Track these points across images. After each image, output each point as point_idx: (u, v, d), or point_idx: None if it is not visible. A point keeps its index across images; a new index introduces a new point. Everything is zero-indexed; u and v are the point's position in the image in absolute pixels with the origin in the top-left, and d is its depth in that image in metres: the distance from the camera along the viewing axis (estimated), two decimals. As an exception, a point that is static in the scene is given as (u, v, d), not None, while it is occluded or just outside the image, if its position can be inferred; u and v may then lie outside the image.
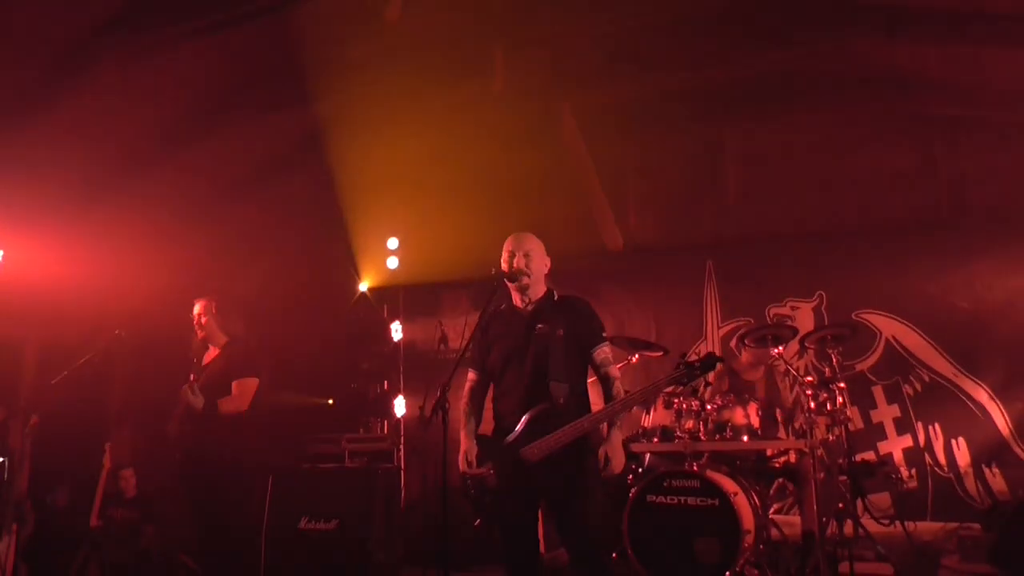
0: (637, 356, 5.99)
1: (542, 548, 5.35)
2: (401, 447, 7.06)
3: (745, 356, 5.88)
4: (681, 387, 4.85)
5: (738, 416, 5.34)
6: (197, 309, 5.23)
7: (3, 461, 7.38)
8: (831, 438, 5.61)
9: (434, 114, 6.78)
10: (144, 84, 5.73)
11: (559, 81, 6.97)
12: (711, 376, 6.12)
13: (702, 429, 5.31)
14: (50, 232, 6.25)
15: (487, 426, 3.89)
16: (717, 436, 5.34)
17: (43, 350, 7.32)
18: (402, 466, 7.02)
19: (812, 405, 5.29)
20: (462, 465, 3.74)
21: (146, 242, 6.66)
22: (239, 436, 5.03)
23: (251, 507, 5.20)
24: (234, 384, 5.05)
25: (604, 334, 3.80)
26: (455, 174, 7.38)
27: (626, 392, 3.73)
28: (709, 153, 7.99)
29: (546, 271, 3.91)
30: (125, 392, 7.86)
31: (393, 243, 7.79)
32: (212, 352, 5.23)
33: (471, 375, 3.94)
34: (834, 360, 5.73)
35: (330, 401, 7.61)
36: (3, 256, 5.96)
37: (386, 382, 7.96)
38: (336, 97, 6.42)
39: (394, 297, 8.22)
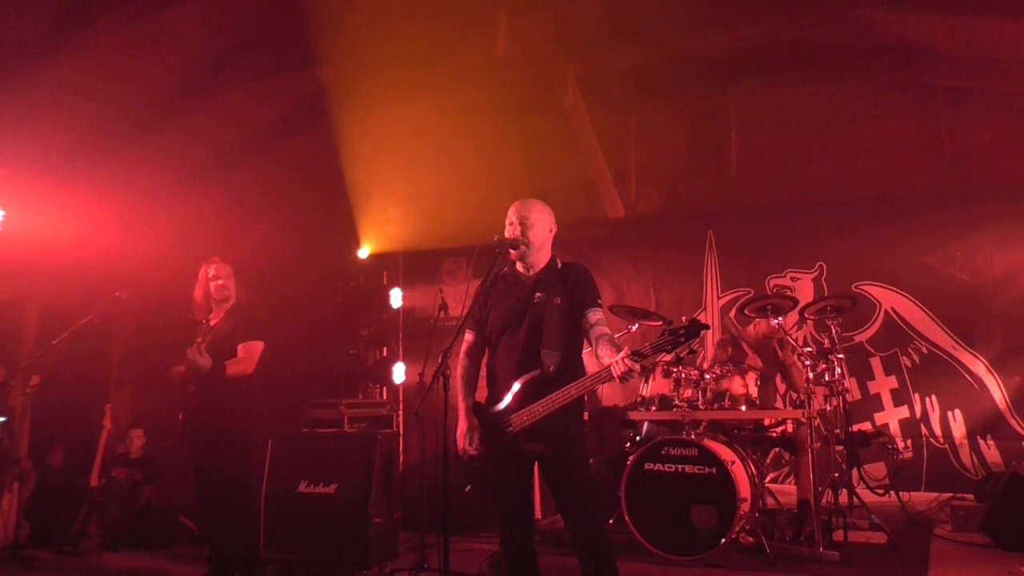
0: (637, 325, 6.00)
1: (538, 514, 5.43)
2: (400, 413, 7.10)
3: (753, 330, 5.89)
4: (667, 355, 4.83)
5: (736, 386, 5.37)
6: (213, 271, 5.21)
7: (4, 421, 7.43)
8: (829, 408, 5.65)
9: (436, 80, 6.73)
10: (146, 45, 5.68)
11: (563, 48, 6.91)
12: (704, 344, 6.15)
13: (700, 398, 5.35)
14: (51, 193, 6.23)
15: (480, 392, 3.90)
16: (715, 405, 5.38)
17: (43, 311, 7.33)
18: (401, 432, 7.07)
19: (810, 375, 5.32)
20: (460, 443, 3.76)
21: (147, 204, 6.65)
22: (244, 399, 5.05)
23: (251, 469, 5.22)
24: (240, 347, 5.07)
25: (599, 300, 3.78)
26: (457, 140, 7.34)
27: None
28: (712, 122, 7.96)
29: (551, 239, 3.89)
30: (126, 353, 7.88)
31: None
32: (217, 314, 5.23)
33: (468, 336, 3.94)
34: (833, 331, 5.74)
35: (329, 367, 7.63)
36: (4, 216, 5.94)
37: (385, 349, 7.99)
38: (338, 62, 6.36)
39: (394, 263, 8.21)
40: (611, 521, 5.38)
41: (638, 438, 5.83)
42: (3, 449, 7.05)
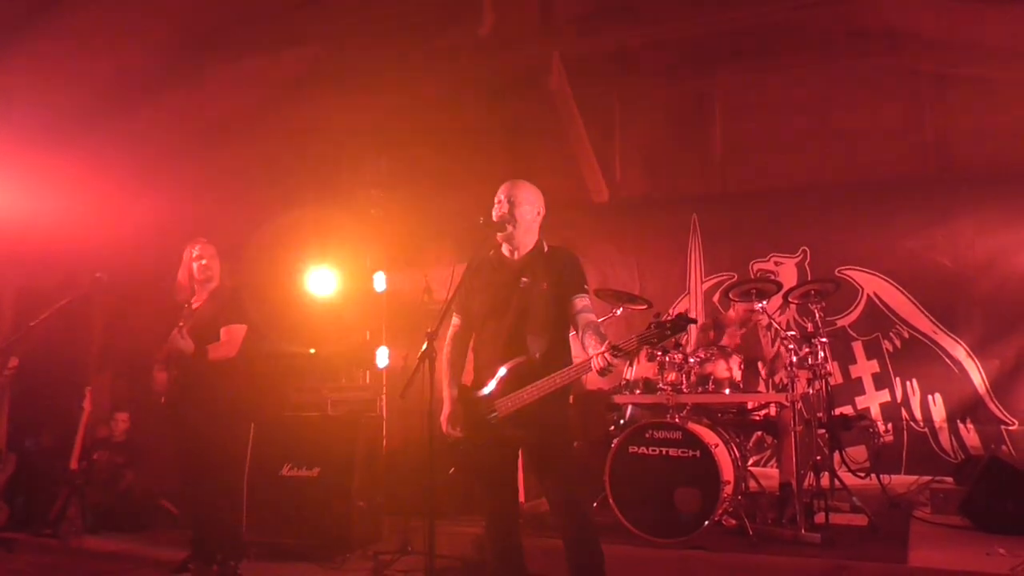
0: (621, 309, 6.00)
1: (522, 498, 5.43)
2: (383, 397, 7.06)
3: (733, 313, 5.91)
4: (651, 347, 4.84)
5: (720, 369, 5.39)
6: (196, 252, 5.14)
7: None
8: (811, 392, 5.68)
9: (420, 60, 6.66)
10: (125, 21, 5.57)
11: (548, 29, 6.86)
12: (689, 336, 6.16)
13: (684, 382, 5.35)
14: (27, 172, 6.12)
15: (467, 375, 3.89)
16: (699, 389, 5.39)
17: (20, 292, 7.23)
18: (384, 416, 7.04)
19: (794, 359, 5.34)
20: (444, 426, 3.74)
21: (128, 183, 6.54)
22: (227, 382, 5.01)
23: (234, 453, 5.19)
24: (223, 330, 5.01)
25: (586, 285, 3.77)
26: (441, 122, 7.28)
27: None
28: (696, 106, 7.94)
29: (539, 222, 3.86)
30: (106, 336, 7.79)
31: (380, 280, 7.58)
32: (200, 297, 5.17)
33: (455, 320, 3.92)
34: (817, 315, 5.76)
35: (312, 350, 7.58)
36: (-22, 195, 5.84)
37: (368, 332, 7.94)
38: (321, 41, 6.28)
39: (377, 247, 8.15)
40: (595, 504, 5.38)
41: (622, 421, 5.84)
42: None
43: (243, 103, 6.67)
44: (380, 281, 7.83)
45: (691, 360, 5.40)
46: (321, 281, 7.67)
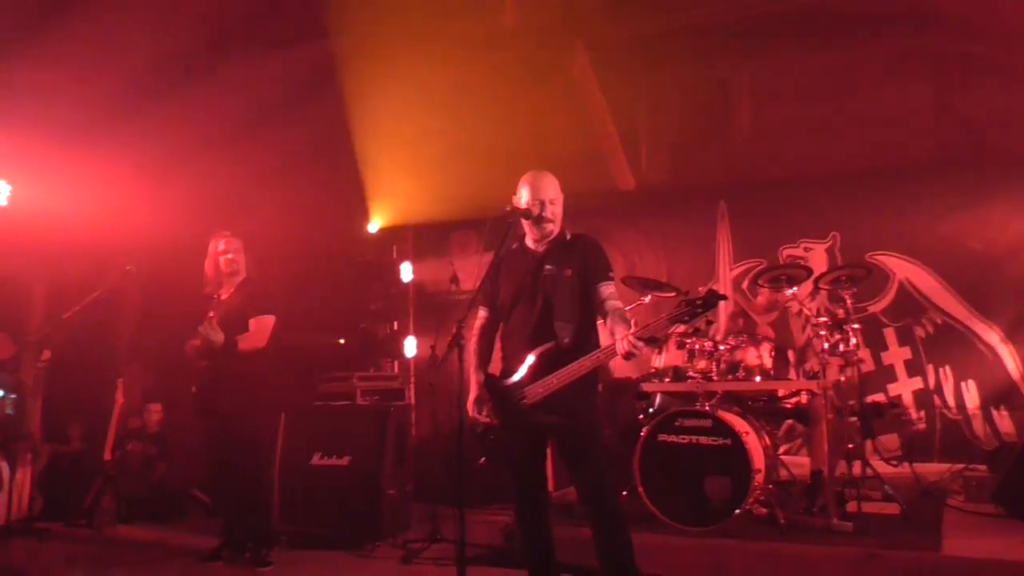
0: (649, 296, 5.96)
1: (551, 486, 5.42)
2: (412, 386, 7.10)
3: (760, 299, 5.86)
4: (684, 326, 4.80)
5: (750, 356, 5.34)
6: (222, 245, 5.19)
7: (15, 397, 7.45)
8: (843, 379, 5.61)
9: (444, 50, 6.64)
10: (151, 20, 5.61)
11: (571, 16, 6.81)
12: (718, 315, 6.12)
13: (714, 369, 5.31)
14: (58, 167, 6.19)
15: (495, 365, 3.89)
16: (729, 376, 5.35)
17: (52, 286, 7.32)
18: (412, 404, 7.07)
19: (825, 346, 5.28)
20: (471, 411, 3.75)
21: (157, 176, 6.60)
22: (257, 372, 5.05)
23: (265, 442, 5.23)
24: (252, 321, 5.06)
25: (611, 273, 3.76)
26: (465, 111, 7.26)
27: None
28: (722, 92, 7.86)
29: (561, 213, 3.86)
30: (136, 328, 7.88)
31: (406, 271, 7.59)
32: (228, 289, 5.21)
33: (481, 312, 3.94)
34: (847, 302, 5.69)
35: (341, 341, 7.62)
36: (12, 191, 5.91)
37: (396, 322, 7.97)
38: (346, 33, 6.29)
39: (404, 237, 8.17)
40: (624, 493, 5.37)
41: (651, 410, 5.81)
42: (15, 424, 7.09)
43: (267, 97, 6.70)
44: (406, 271, 7.87)
45: (721, 347, 5.36)
46: (348, 271, 7.70)
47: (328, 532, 5.57)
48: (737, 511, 4.78)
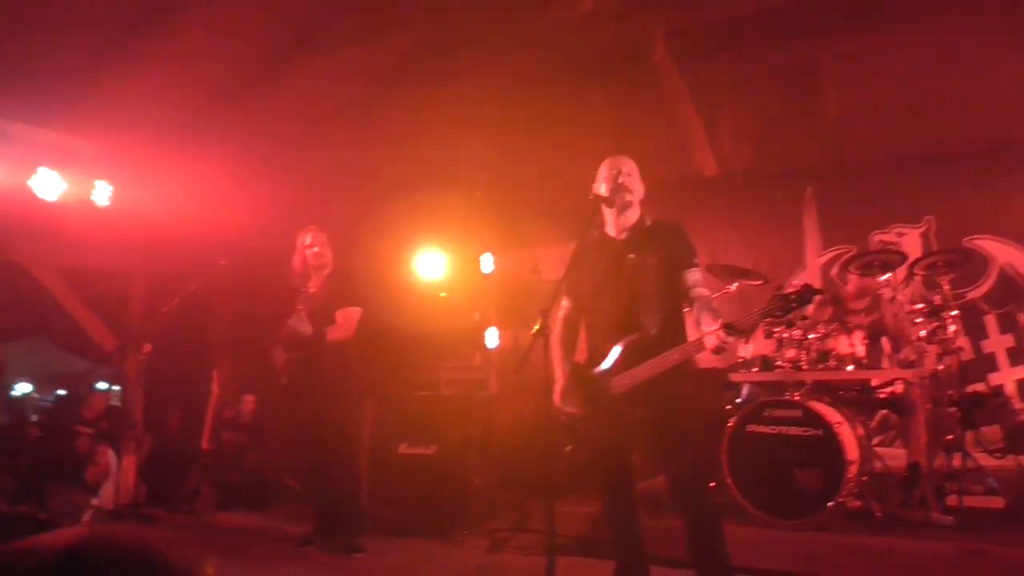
0: (735, 285, 5.85)
1: (638, 477, 5.38)
2: (495, 376, 7.13)
3: (850, 286, 5.68)
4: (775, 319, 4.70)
5: (842, 345, 5.18)
6: (309, 239, 5.33)
7: (119, 389, 7.79)
8: (940, 368, 5.40)
9: (521, 40, 6.63)
10: (236, 19, 5.76)
11: (651, 1, 6.70)
12: (808, 310, 5.96)
13: (804, 358, 5.18)
14: (155, 167, 6.44)
15: (580, 355, 3.88)
16: (820, 365, 5.20)
17: (151, 281, 7.61)
18: (495, 395, 7.12)
19: (921, 334, 5.09)
20: (557, 400, 3.74)
21: (245, 175, 6.79)
22: (344, 363, 5.17)
23: (353, 431, 5.35)
24: (338, 313, 5.17)
25: (695, 259, 3.70)
26: (543, 101, 7.23)
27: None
28: (808, 74, 7.60)
29: (641, 196, 3.82)
30: (229, 320, 8.15)
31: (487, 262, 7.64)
32: (316, 281, 5.34)
33: (565, 302, 3.92)
34: (945, 288, 5.47)
35: (422, 331, 7.72)
36: (113, 192, 6.16)
37: (477, 313, 8.02)
38: (421, 26, 6.34)
39: (485, 228, 8.20)
40: (712, 484, 5.29)
41: (738, 400, 5.71)
42: (119, 414, 7.42)
43: (350, 91, 6.80)
44: (487, 262, 7.90)
45: (810, 336, 5.22)
46: (430, 264, 7.79)
47: (415, 520, 5.67)
48: (830, 504, 4.66)
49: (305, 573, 4.98)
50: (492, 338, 7.73)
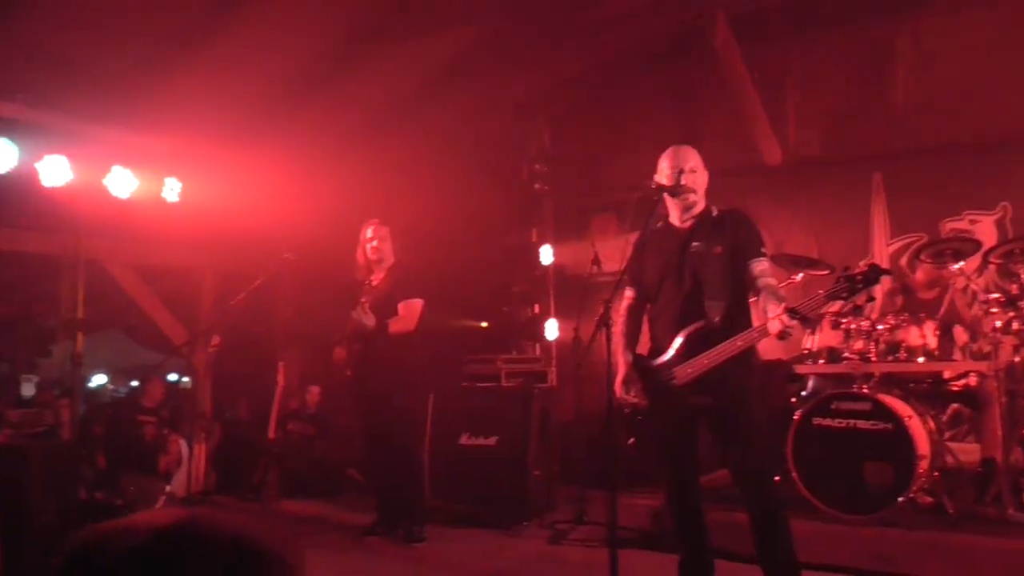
0: (801, 275, 5.72)
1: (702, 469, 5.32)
2: (554, 368, 7.13)
3: (921, 274, 5.52)
4: (843, 303, 4.58)
5: (912, 336, 5.03)
6: (370, 232, 5.40)
7: (188, 380, 8.02)
8: (1017, 360, 5.20)
9: (581, 28, 6.59)
10: (298, 16, 5.84)
11: (712, -14, 6.60)
12: (876, 291, 5.80)
13: (873, 350, 5.04)
14: (220, 163, 6.59)
15: (643, 346, 3.84)
16: (889, 357, 5.06)
17: (218, 275, 7.81)
18: (556, 387, 7.12)
19: (997, 324, 4.91)
20: (618, 390, 3.72)
21: (309, 169, 6.92)
22: (406, 355, 5.23)
23: (416, 423, 5.41)
24: (400, 305, 5.23)
25: (763, 248, 3.63)
26: (604, 90, 7.19)
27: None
28: (877, 57, 7.38)
29: (705, 186, 3.77)
30: (294, 313, 8.31)
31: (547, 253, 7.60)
32: (378, 274, 5.41)
33: (628, 293, 3.89)
34: (1022, 276, 5.25)
35: (484, 324, 7.76)
36: (182, 188, 6.33)
37: (537, 305, 8.03)
38: (480, 19, 6.34)
39: (544, 220, 8.19)
40: (776, 478, 5.20)
41: (803, 393, 5.59)
42: (190, 405, 7.64)
43: (411, 85, 6.84)
44: (547, 254, 7.89)
45: (879, 327, 5.08)
46: (490, 256, 7.81)
47: (477, 510, 5.70)
48: (900, 499, 4.54)
49: (369, 562, 5.05)
50: (552, 330, 7.72)
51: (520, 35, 6.39)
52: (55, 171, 5.52)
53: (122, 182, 5.96)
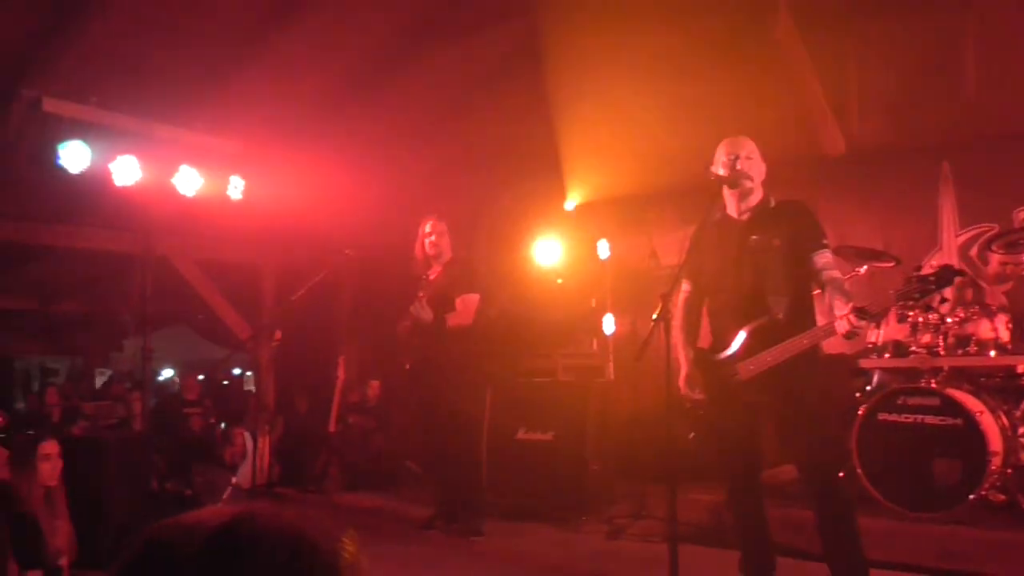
0: (865, 267, 5.59)
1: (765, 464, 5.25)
2: (611, 362, 7.10)
3: (993, 266, 5.34)
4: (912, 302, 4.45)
5: (983, 329, 4.87)
6: (429, 228, 5.45)
7: (251, 375, 8.19)
8: (1097, 354, 5.00)
9: (640, 19, 6.52)
10: (356, 17, 5.92)
11: (773, -29, 6.47)
12: (947, 291, 5.64)
13: (941, 343, 4.90)
14: (282, 161, 6.72)
15: (704, 340, 3.80)
16: (959, 351, 4.92)
17: (280, 271, 7.96)
18: (613, 381, 7.08)
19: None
20: (683, 387, 3.68)
21: (368, 167, 7.00)
22: (464, 348, 5.26)
23: (473, 416, 5.45)
24: (458, 300, 5.27)
25: (825, 240, 3.55)
26: (661, 81, 7.10)
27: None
28: (945, 41, 7.14)
29: (763, 177, 3.70)
30: (354, 308, 8.43)
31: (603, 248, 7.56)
32: (436, 269, 5.46)
33: (685, 286, 3.84)
34: (1100, 267, 5.06)
35: (540, 318, 7.75)
36: (245, 186, 6.47)
37: (593, 300, 7.99)
38: (543, 10, 6.33)
39: (600, 213, 8.15)
40: (840, 474, 5.10)
41: (868, 387, 5.46)
42: (254, 399, 7.82)
43: (466, 81, 6.88)
44: (603, 248, 7.84)
45: (948, 320, 4.93)
46: (546, 251, 7.80)
47: (534, 505, 5.71)
48: (971, 496, 4.40)
49: (428, 554, 5.10)
50: (609, 324, 7.68)
51: (576, 28, 6.36)
52: (126, 171, 5.70)
53: (189, 181, 6.12)
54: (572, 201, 8.05)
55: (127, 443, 5.55)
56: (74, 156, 5.47)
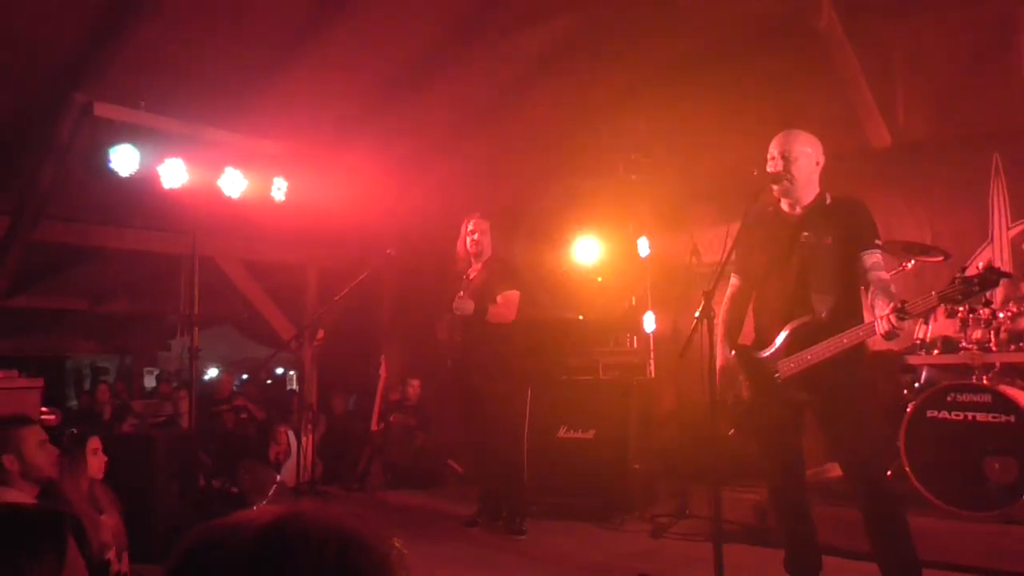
0: (912, 262, 5.47)
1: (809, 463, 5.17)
2: (652, 361, 7.05)
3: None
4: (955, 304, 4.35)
5: (1037, 325, 4.75)
6: (471, 226, 5.48)
7: (294, 374, 8.30)
8: None
9: (677, 13, 6.47)
10: (397, 17, 5.96)
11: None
12: (994, 294, 5.51)
13: (992, 339, 4.79)
14: (325, 162, 6.79)
15: (747, 336, 3.76)
16: (1011, 347, 4.80)
17: (322, 270, 8.05)
18: (654, 379, 7.04)
19: None
20: (718, 382, 3.64)
21: (409, 167, 7.06)
22: (505, 346, 5.28)
23: (515, 414, 5.46)
24: (499, 296, 5.29)
25: (877, 240, 3.48)
26: (702, 76, 7.03)
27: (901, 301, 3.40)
28: (994, 31, 6.97)
29: (818, 172, 3.63)
30: (396, 307, 8.49)
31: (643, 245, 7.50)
32: (476, 267, 5.48)
33: (733, 280, 3.79)
34: None
35: (580, 316, 7.73)
36: (288, 187, 6.55)
37: (634, 297, 7.94)
38: (573, 11, 6.31)
39: (641, 211, 8.09)
40: (888, 472, 5.01)
41: (916, 384, 5.36)
42: (298, 397, 7.92)
43: (507, 80, 6.88)
44: (644, 246, 7.79)
45: (1000, 315, 4.82)
46: (586, 249, 7.78)
47: (576, 503, 5.70)
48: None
49: (470, 552, 5.11)
50: (649, 322, 7.63)
51: (615, 25, 6.33)
52: (174, 173, 5.81)
53: (234, 182, 6.22)
54: (612, 200, 8.01)
55: (175, 441, 5.66)
56: (124, 159, 5.58)
